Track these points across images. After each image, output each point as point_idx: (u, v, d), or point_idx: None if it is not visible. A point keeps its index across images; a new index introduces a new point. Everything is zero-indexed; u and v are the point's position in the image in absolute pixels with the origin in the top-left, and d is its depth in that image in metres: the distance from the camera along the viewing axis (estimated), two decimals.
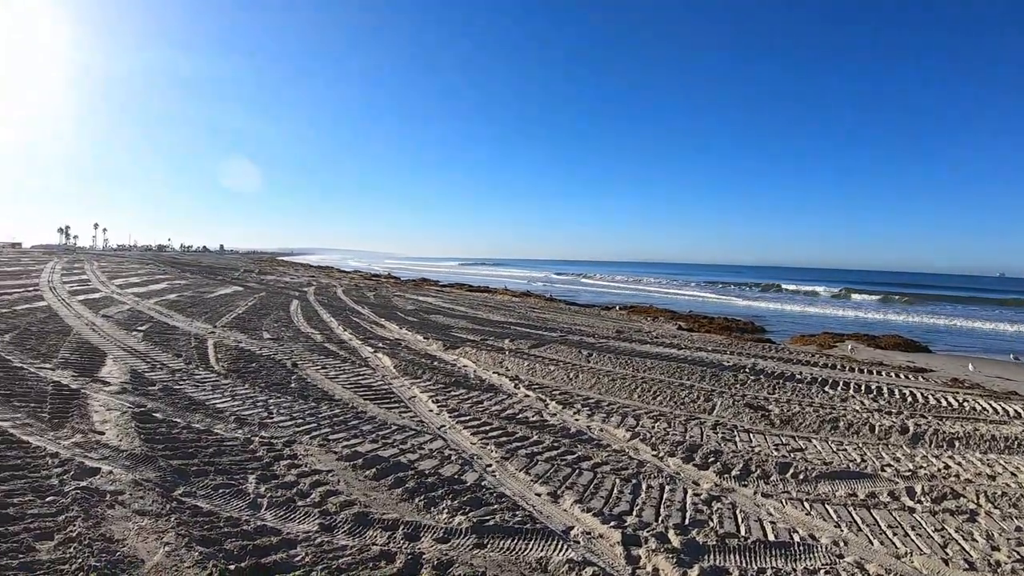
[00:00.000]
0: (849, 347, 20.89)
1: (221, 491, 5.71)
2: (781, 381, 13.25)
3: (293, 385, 10.24)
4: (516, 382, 11.53)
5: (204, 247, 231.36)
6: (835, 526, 5.91)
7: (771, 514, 6.13)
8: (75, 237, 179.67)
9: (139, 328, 15.19)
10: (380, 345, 15.09)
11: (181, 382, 9.89)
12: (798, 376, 13.93)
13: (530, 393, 10.69)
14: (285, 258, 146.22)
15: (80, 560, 4.25)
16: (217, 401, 8.93)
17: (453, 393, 10.35)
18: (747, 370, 14.36)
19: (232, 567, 4.33)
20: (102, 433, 7.12)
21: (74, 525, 4.76)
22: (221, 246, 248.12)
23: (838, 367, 15.93)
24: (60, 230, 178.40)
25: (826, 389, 12.66)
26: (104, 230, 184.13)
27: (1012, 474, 7.81)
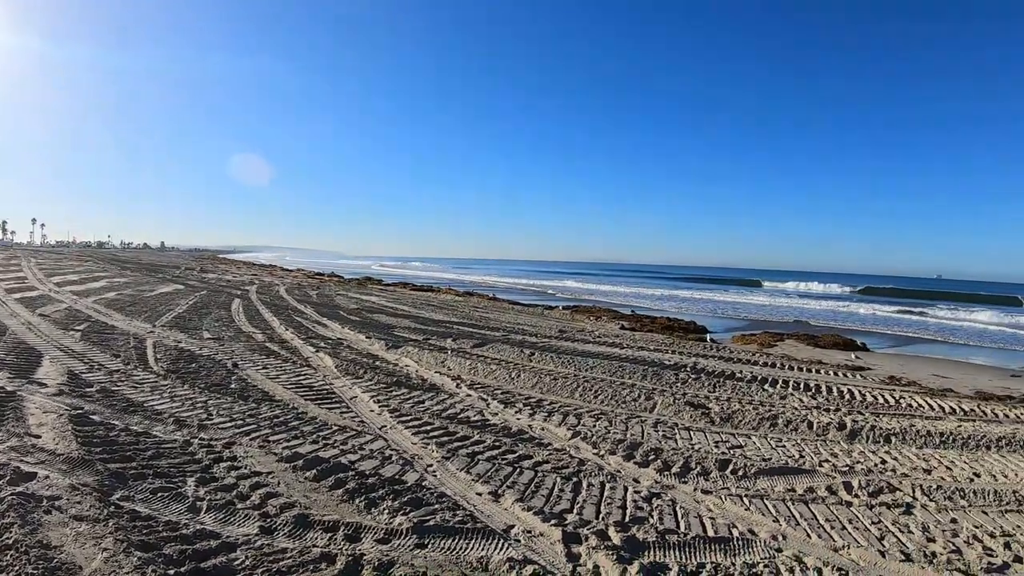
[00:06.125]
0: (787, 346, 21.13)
1: (160, 495, 5.62)
2: (722, 379, 13.41)
3: (233, 386, 10.14)
4: (458, 381, 11.52)
5: (144, 244, 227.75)
6: (774, 521, 6.00)
7: (711, 510, 6.20)
8: (12, 233, 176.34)
9: (77, 328, 14.92)
10: (322, 345, 14.99)
11: (119, 383, 9.74)
12: (738, 375, 14.10)
13: (472, 392, 10.69)
14: (228, 256, 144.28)
15: (16, 568, 4.16)
16: (156, 403, 8.79)
17: (395, 393, 10.32)
18: (688, 369, 14.50)
19: (171, 572, 4.28)
20: (38, 436, 6.97)
21: (9, 532, 4.65)
22: (162, 243, 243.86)
23: (778, 365, 16.16)
24: None
25: (766, 387, 12.85)
26: (42, 226, 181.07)
27: (947, 468, 8.00)
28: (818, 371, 15.69)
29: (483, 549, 5.01)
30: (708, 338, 22.99)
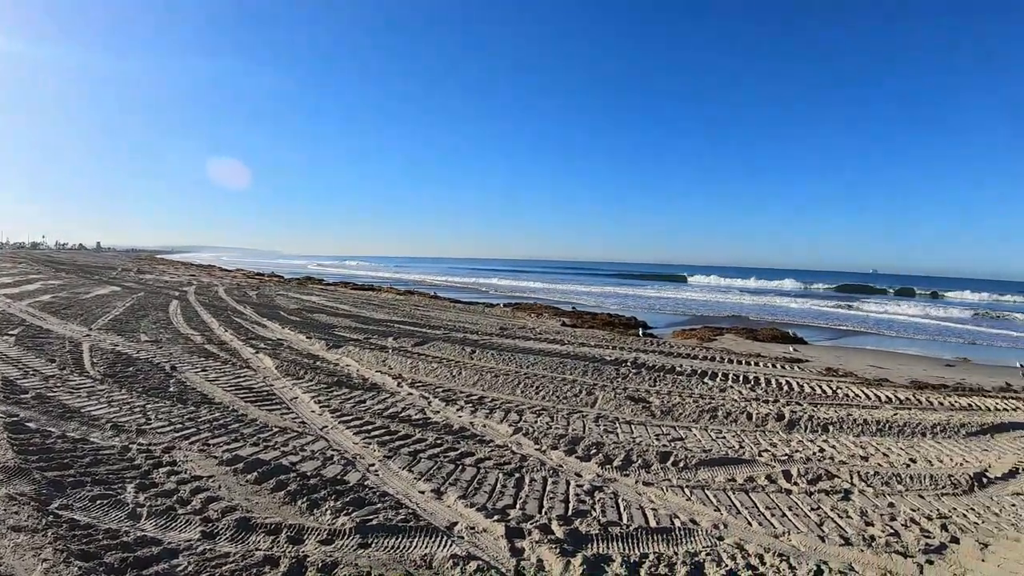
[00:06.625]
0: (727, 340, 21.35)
1: (99, 502, 5.52)
2: (662, 374, 13.52)
3: (172, 389, 9.98)
4: (399, 380, 11.48)
5: (80, 245, 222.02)
6: (715, 510, 6.09)
7: (652, 501, 6.27)
8: None
9: (10, 332, 14.61)
10: (262, 346, 14.83)
11: (55, 389, 9.55)
12: (679, 368, 14.22)
13: (413, 391, 10.66)
14: (165, 256, 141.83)
15: None
16: (93, 408, 8.63)
17: (336, 393, 10.26)
18: (629, 364, 14.60)
19: None
20: None
21: None
22: (98, 244, 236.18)
23: (717, 359, 16.34)
24: None
25: (706, 380, 13.00)
26: None
27: (884, 455, 8.18)
28: (757, 364, 15.90)
29: (427, 547, 5.01)
30: (640, 332, 23.07)
